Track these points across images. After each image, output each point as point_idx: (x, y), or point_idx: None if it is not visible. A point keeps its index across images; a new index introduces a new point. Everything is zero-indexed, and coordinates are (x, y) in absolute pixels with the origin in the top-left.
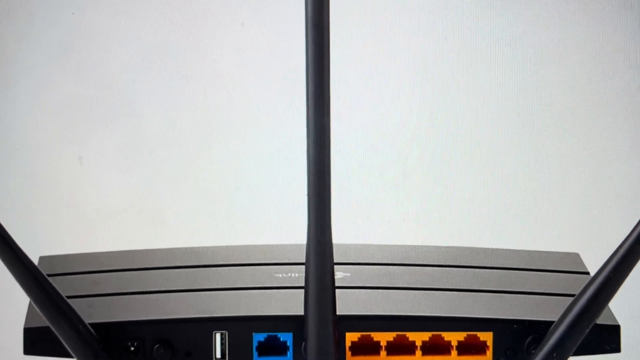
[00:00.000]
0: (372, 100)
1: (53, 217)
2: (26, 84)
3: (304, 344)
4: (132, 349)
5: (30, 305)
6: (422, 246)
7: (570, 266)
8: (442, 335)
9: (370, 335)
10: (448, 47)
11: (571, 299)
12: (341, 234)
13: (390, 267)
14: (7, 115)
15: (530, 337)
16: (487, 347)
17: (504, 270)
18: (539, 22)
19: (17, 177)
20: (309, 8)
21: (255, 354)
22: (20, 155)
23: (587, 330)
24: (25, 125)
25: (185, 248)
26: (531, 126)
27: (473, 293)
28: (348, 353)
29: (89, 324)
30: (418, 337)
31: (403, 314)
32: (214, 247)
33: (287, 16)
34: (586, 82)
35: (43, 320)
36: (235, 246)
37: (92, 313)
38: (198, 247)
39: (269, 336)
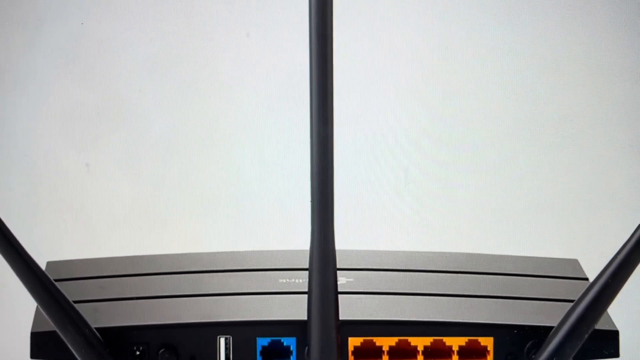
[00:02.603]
0: (375, 106)
1: (60, 223)
2: (33, 90)
3: (307, 348)
4: (138, 353)
5: (37, 310)
6: (423, 252)
7: (569, 272)
8: (444, 340)
9: (372, 340)
10: (450, 54)
11: (570, 304)
12: (344, 240)
13: (392, 272)
14: (13, 122)
15: (530, 342)
16: (488, 352)
17: (504, 276)
18: (539, 30)
19: (23, 183)
20: (313, 18)
21: (259, 358)
22: (26, 161)
23: (586, 336)
24: (32, 131)
25: (190, 253)
26: (530, 132)
27: (474, 299)
28: (350, 358)
29: (95, 328)
30: (420, 342)
31: (405, 319)
32: (218, 252)
33: (291, 26)
34: (586, 89)
35: (50, 325)
36: (239, 252)
37: (98, 318)
38: (202, 253)
39: (272, 341)
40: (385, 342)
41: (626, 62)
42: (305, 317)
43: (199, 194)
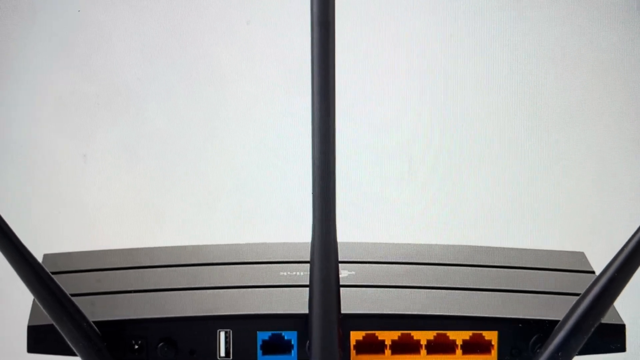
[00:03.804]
0: (378, 98)
1: (57, 215)
2: (29, 80)
3: (308, 342)
4: (136, 347)
5: (34, 303)
6: (426, 245)
7: (576, 265)
8: (447, 334)
9: (374, 334)
10: (454, 46)
11: (576, 298)
12: (346, 232)
13: (395, 265)
14: (9, 112)
15: (535, 336)
16: (492, 346)
17: (509, 269)
18: (543, 21)
19: (20, 174)
20: (315, 6)
21: (259, 352)
22: (22, 152)
23: (592, 330)
24: (28, 121)
25: (189, 246)
26: (536, 124)
27: (478, 292)
28: (352, 352)
29: (93, 322)
30: (423, 336)
31: (408, 312)
32: (218, 245)
33: (292, 14)
34: (591, 81)
35: (47, 318)
36: (239, 244)
37: (95, 311)
38: (202, 245)
39: (273, 335)
40: (388, 336)
41: (633, 54)
42: (306, 311)
43: (198, 185)
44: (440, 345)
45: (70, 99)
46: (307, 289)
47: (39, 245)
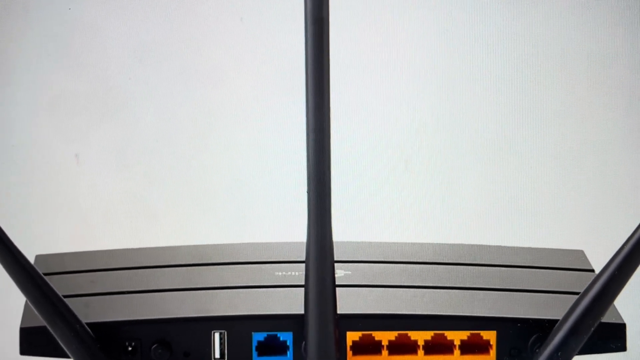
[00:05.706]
0: (373, 96)
1: (49, 216)
2: (22, 80)
3: (304, 343)
4: (130, 349)
5: (26, 305)
6: (423, 244)
7: (575, 264)
8: (445, 334)
9: (371, 334)
10: (450, 42)
11: (576, 297)
12: (342, 232)
13: (391, 265)
14: (2, 112)
15: (534, 336)
16: (491, 346)
17: (508, 268)
18: (541, 18)
19: (12, 175)
20: (309, 2)
21: (254, 353)
22: (16, 152)
23: (592, 329)
24: (21, 122)
25: (183, 246)
26: (535, 122)
27: (476, 291)
28: (349, 352)
29: (86, 323)
30: (420, 337)
31: (405, 312)
32: (212, 245)
33: (286, 11)
34: (590, 78)
35: (39, 320)
36: (234, 244)
37: (88, 312)
38: (196, 246)
39: (268, 335)
40: (385, 337)
41: (632, 51)
42: (302, 311)
43: (192, 185)
44: (437, 346)
45: (63, 99)
46: (303, 289)
47: (31, 246)
